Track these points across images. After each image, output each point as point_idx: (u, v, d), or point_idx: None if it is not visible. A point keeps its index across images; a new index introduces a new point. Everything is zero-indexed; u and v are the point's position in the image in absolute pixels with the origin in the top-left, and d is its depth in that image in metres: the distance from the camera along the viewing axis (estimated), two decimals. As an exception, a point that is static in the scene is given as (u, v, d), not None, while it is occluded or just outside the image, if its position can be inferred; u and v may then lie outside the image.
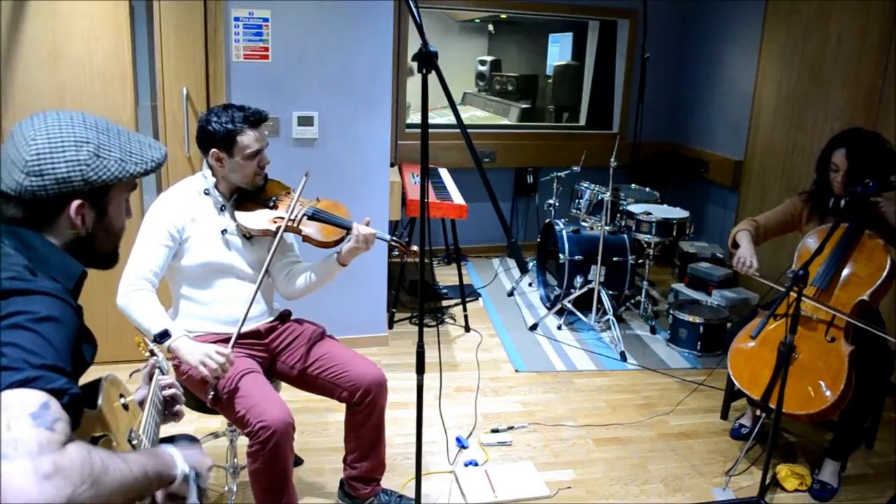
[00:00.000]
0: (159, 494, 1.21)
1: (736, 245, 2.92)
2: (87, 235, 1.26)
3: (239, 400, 2.06)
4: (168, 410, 1.62)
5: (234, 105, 2.21)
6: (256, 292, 2.19)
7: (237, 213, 2.26)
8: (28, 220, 1.20)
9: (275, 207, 2.30)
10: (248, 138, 2.17)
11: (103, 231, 1.29)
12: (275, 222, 2.26)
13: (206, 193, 2.25)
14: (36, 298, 1.07)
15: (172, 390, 1.62)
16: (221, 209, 2.26)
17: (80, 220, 1.23)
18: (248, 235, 2.29)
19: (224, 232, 2.25)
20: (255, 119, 2.19)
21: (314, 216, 2.31)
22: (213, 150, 2.19)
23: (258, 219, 2.27)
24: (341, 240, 2.29)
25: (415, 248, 2.28)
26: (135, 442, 1.35)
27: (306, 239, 2.30)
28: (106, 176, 1.23)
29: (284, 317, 2.45)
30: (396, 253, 2.38)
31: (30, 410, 0.94)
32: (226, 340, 2.24)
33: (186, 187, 2.27)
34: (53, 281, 1.15)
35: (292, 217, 2.26)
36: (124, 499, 1.04)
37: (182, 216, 2.20)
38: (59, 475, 0.91)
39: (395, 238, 2.34)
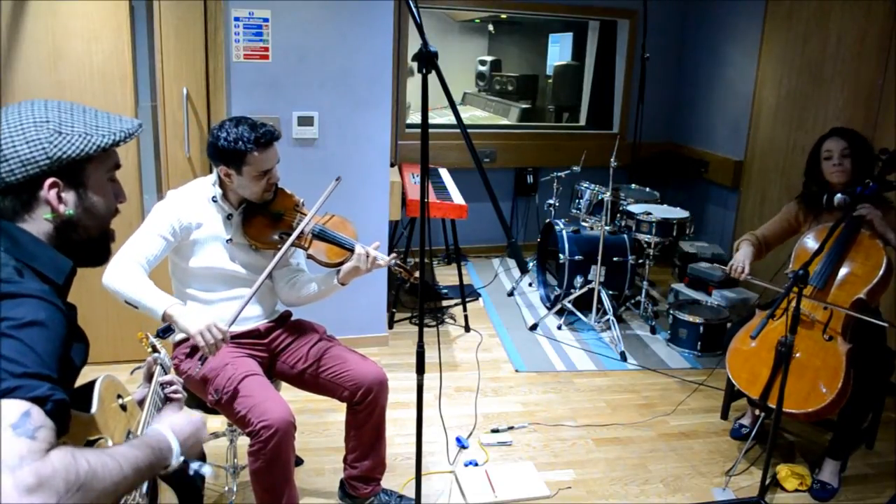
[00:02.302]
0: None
1: None
2: (70, 220, 1.24)
3: (240, 400, 2.06)
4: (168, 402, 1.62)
5: (246, 120, 2.16)
6: (251, 297, 2.13)
7: (244, 226, 2.25)
8: (7, 212, 1.20)
9: (282, 222, 2.29)
10: (257, 159, 2.14)
11: (86, 213, 1.26)
12: (281, 239, 2.25)
13: (214, 201, 2.24)
14: (22, 302, 1.05)
15: (174, 386, 1.62)
16: (228, 217, 2.25)
17: (56, 199, 1.21)
18: (253, 247, 2.29)
19: (229, 241, 2.25)
20: (266, 140, 2.15)
21: (320, 235, 2.30)
22: (222, 166, 2.17)
23: (265, 233, 2.26)
24: (345, 261, 2.27)
25: (417, 273, 2.27)
26: (133, 443, 1.35)
27: (311, 257, 2.29)
28: (71, 151, 1.21)
29: (284, 318, 2.45)
30: (400, 278, 2.36)
31: (10, 421, 0.93)
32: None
33: (196, 191, 2.25)
34: (41, 281, 1.14)
35: (299, 234, 2.23)
36: (116, 497, 1.03)
37: (189, 217, 2.19)
38: (43, 487, 0.90)
39: (398, 263, 2.31)
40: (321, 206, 2.29)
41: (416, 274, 2.28)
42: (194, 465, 1.32)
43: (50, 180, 1.20)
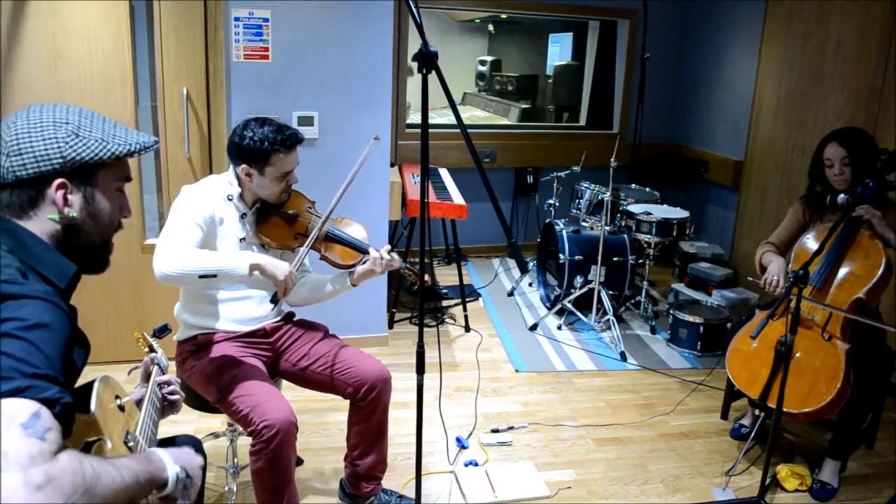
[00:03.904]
0: (154, 497, 1.21)
1: (763, 268, 2.90)
2: (73, 224, 1.24)
3: (242, 399, 2.06)
4: (167, 402, 1.62)
5: (271, 121, 2.16)
6: (303, 256, 2.19)
7: (259, 226, 2.25)
8: (14, 206, 1.20)
9: (297, 223, 2.28)
10: (281, 160, 2.14)
11: (90, 219, 1.27)
12: (295, 240, 2.25)
13: (230, 199, 2.23)
14: (27, 303, 1.06)
15: (172, 387, 1.62)
16: (242, 217, 2.25)
17: (63, 201, 1.22)
18: (267, 247, 2.29)
19: (242, 240, 2.24)
20: (292, 143, 2.15)
21: (335, 238, 2.30)
22: (244, 165, 2.16)
23: (279, 234, 2.26)
24: (357, 263, 2.29)
25: (427, 277, 2.28)
26: (131, 444, 1.34)
27: (324, 259, 2.30)
28: (86, 154, 1.22)
29: (288, 317, 2.45)
30: (409, 281, 2.38)
31: (20, 420, 0.93)
32: (231, 339, 2.25)
33: (211, 188, 2.22)
34: (45, 283, 1.14)
35: (314, 237, 2.23)
36: None
37: (213, 211, 2.16)
38: (51, 486, 0.90)
39: (408, 266, 2.33)
40: (359, 169, 2.25)
41: (426, 278, 2.29)
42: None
43: (59, 181, 1.21)
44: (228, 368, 2.14)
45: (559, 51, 6.88)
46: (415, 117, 5.52)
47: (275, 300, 2.11)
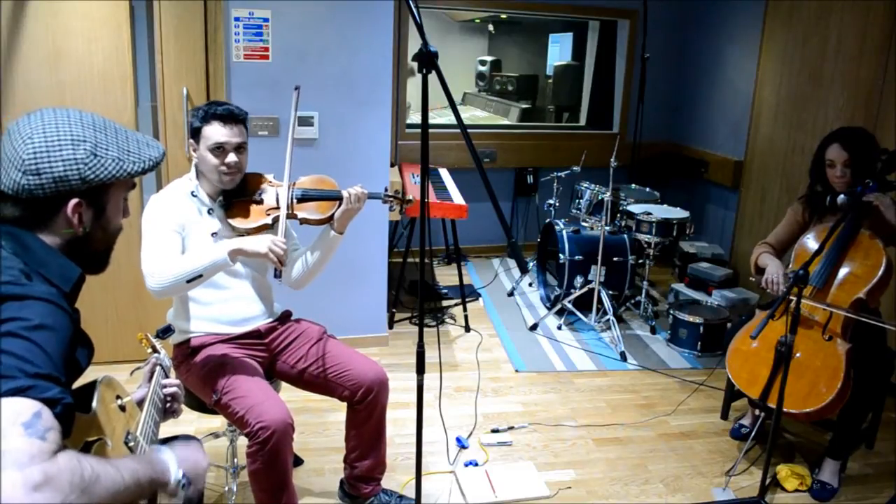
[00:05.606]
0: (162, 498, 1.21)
1: (759, 269, 2.89)
2: (83, 235, 1.25)
3: (238, 401, 2.06)
4: (167, 407, 1.62)
5: (220, 102, 2.20)
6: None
7: (228, 217, 2.23)
8: (25, 220, 1.20)
9: (262, 199, 2.27)
10: (212, 130, 2.15)
11: (100, 230, 1.28)
12: (268, 214, 2.24)
13: (194, 195, 2.23)
14: (30, 304, 1.06)
15: (173, 388, 1.62)
16: (209, 212, 2.24)
17: (77, 219, 1.22)
18: (243, 234, 2.27)
19: (214, 235, 2.22)
20: (222, 115, 2.16)
21: (305, 197, 2.29)
22: (190, 140, 2.20)
23: (251, 217, 2.24)
24: (336, 209, 2.28)
25: (410, 197, 2.33)
26: (132, 444, 1.34)
27: (304, 221, 2.28)
28: (103, 175, 1.22)
29: (285, 317, 2.44)
30: (395, 207, 2.37)
31: (22, 420, 0.94)
32: (226, 341, 2.25)
33: (175, 190, 2.23)
34: (49, 285, 1.14)
35: (286, 204, 2.22)
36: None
37: (179, 215, 2.17)
38: (49, 485, 0.91)
39: (387, 194, 2.32)
40: (295, 123, 2.31)
41: (409, 197, 2.33)
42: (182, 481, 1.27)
43: (74, 201, 1.21)
44: (223, 371, 2.13)
45: (559, 51, 6.88)
46: (415, 117, 5.52)
47: (278, 275, 2.16)
